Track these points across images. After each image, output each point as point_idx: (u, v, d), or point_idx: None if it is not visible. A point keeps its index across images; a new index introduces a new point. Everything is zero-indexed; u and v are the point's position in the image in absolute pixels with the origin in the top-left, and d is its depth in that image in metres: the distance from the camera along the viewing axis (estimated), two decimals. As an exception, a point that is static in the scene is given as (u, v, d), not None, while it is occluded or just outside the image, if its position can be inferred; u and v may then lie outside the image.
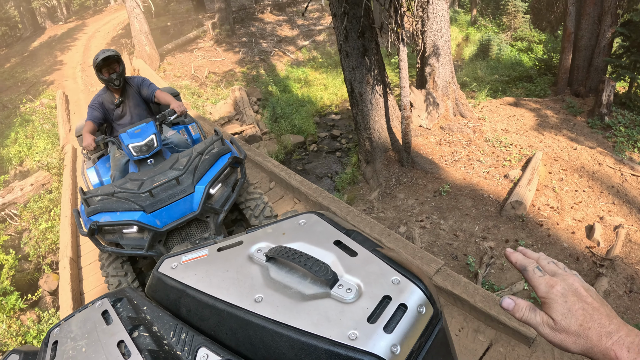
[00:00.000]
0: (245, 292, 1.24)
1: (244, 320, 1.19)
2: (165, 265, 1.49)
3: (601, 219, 7.68)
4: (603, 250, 7.06)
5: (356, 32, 8.85)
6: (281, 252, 1.26)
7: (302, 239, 1.37)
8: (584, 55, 13.35)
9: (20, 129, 17.89)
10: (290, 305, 1.15)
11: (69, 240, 8.07)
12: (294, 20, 29.11)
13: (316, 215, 1.49)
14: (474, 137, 10.47)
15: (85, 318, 1.43)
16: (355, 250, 1.27)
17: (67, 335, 1.38)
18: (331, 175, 12.49)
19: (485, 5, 28.16)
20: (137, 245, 4.39)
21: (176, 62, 23.06)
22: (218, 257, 1.45)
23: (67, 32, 35.04)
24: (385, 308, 1.08)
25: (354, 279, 1.16)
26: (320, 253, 1.27)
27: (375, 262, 1.21)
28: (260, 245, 1.40)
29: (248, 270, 1.32)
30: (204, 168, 4.61)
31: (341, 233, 1.36)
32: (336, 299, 1.12)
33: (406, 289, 1.11)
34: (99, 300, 1.48)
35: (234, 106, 17.18)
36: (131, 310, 1.40)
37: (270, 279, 1.26)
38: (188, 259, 1.49)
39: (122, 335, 1.28)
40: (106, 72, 5.36)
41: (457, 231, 7.77)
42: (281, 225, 1.50)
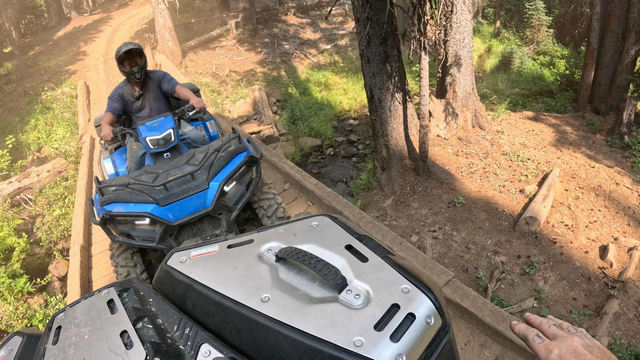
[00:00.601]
0: (252, 291, 1.24)
1: (249, 319, 1.18)
2: (174, 259, 1.49)
3: (615, 240, 7.59)
4: (616, 272, 6.97)
5: (379, 38, 8.84)
6: (291, 253, 1.25)
7: (314, 242, 1.36)
8: (606, 72, 13.20)
9: (40, 116, 18.10)
10: (297, 307, 1.14)
11: (81, 228, 8.14)
12: (317, 24, 29.16)
13: (329, 219, 1.48)
14: (491, 150, 10.41)
15: (90, 305, 1.43)
16: (366, 256, 1.26)
17: (71, 322, 1.38)
18: (346, 180, 12.49)
19: (509, 17, 28.03)
20: (148, 238, 4.41)
21: (198, 59, 23.20)
22: (227, 254, 1.44)
23: (91, 24, 35.41)
24: (393, 316, 1.06)
25: (363, 285, 1.15)
26: (330, 257, 1.26)
27: (385, 269, 1.20)
28: (271, 245, 1.40)
29: (257, 269, 1.32)
30: (219, 165, 4.63)
31: (353, 238, 1.35)
32: (344, 304, 1.11)
33: (415, 299, 1.10)
34: (106, 289, 1.48)
35: (253, 106, 17.24)
36: (137, 301, 1.40)
37: (278, 279, 1.25)
38: (197, 254, 1.49)
39: (126, 326, 1.28)
40: (128, 65, 5.39)
41: (469, 244, 7.72)
42: (293, 226, 1.49)
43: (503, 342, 4.67)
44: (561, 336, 1.05)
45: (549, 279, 6.88)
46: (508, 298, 6.63)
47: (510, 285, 6.84)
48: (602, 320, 6.16)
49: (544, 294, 6.60)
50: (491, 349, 4.71)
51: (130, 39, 28.52)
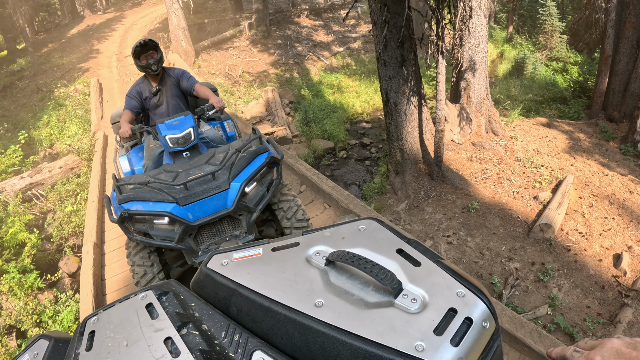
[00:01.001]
0: (304, 295, 1.22)
1: (303, 325, 1.17)
2: (215, 262, 1.46)
3: (629, 249, 7.55)
4: (629, 281, 6.94)
5: (396, 41, 8.85)
6: (344, 257, 1.24)
7: (363, 245, 1.36)
8: (620, 79, 13.14)
9: (53, 112, 18.20)
10: (353, 312, 1.14)
11: (95, 225, 8.17)
12: (329, 26, 29.17)
13: (376, 222, 1.47)
14: (505, 156, 10.38)
15: (127, 309, 1.40)
16: (418, 260, 1.25)
17: (106, 326, 1.35)
18: (359, 183, 12.49)
19: (521, 23, 27.93)
20: (166, 237, 4.39)
21: (211, 60, 23.29)
22: (273, 257, 1.42)
23: (105, 22, 35.58)
24: (452, 321, 1.07)
25: (419, 290, 1.15)
26: (382, 260, 1.26)
27: (439, 274, 1.20)
28: (319, 248, 1.39)
29: (306, 273, 1.30)
30: (240, 165, 4.61)
31: (403, 242, 1.35)
32: (401, 308, 1.11)
33: (471, 303, 1.10)
34: (143, 292, 1.45)
35: (265, 107, 17.28)
36: (178, 306, 1.37)
37: (330, 283, 1.24)
38: (240, 256, 1.46)
39: (170, 332, 1.25)
40: (144, 59, 5.46)
41: (484, 250, 7.71)
42: (340, 230, 1.48)
43: (521, 349, 4.66)
44: (599, 343, 1.02)
45: (563, 286, 6.86)
46: (522, 305, 6.62)
47: (525, 292, 6.83)
48: (615, 329, 6.14)
49: (558, 301, 6.58)
50: (509, 355, 4.71)
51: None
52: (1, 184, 11.58)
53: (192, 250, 4.45)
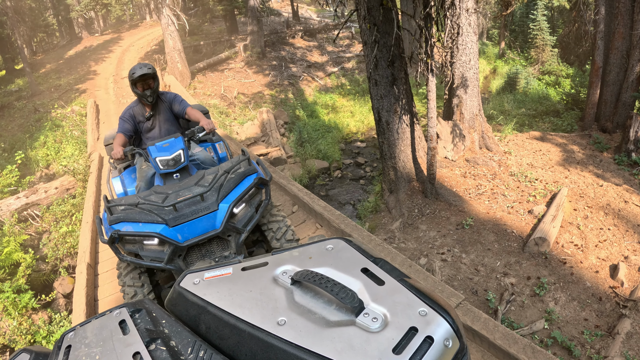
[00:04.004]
0: (268, 314, 1.26)
1: (265, 342, 1.20)
2: (187, 281, 1.52)
3: (626, 259, 7.56)
4: (627, 291, 6.93)
5: (386, 61, 8.93)
6: (307, 276, 1.28)
7: (329, 265, 1.39)
8: (611, 90, 13.23)
9: (49, 133, 18.37)
10: (314, 330, 1.16)
11: (88, 246, 8.17)
12: (323, 47, 29.43)
13: (344, 242, 1.50)
14: (499, 171, 10.42)
15: (101, 325, 1.46)
16: (382, 279, 1.28)
17: (82, 341, 1.41)
18: (354, 202, 12.53)
19: (513, 38, 28.18)
20: (156, 258, 4.41)
21: (206, 81, 23.52)
22: (242, 277, 1.47)
23: (102, 44, 36.03)
24: (412, 340, 1.09)
25: (381, 308, 1.17)
26: (347, 280, 1.29)
27: (402, 292, 1.22)
28: (286, 268, 1.43)
29: (272, 292, 1.34)
30: (229, 187, 4.64)
31: (369, 261, 1.38)
32: (361, 327, 1.13)
33: (433, 321, 1.12)
34: (117, 309, 1.52)
35: (260, 128, 17.37)
36: (149, 323, 1.43)
37: (294, 302, 1.28)
38: (211, 275, 1.52)
39: (139, 347, 1.31)
40: (140, 87, 5.47)
41: (479, 266, 7.71)
42: (308, 249, 1.51)
43: (515, 365, 4.65)
44: None
45: (560, 299, 6.85)
46: (518, 320, 6.61)
47: (521, 307, 6.82)
48: (614, 341, 6.12)
49: (555, 315, 6.56)
50: (503, 371, 4.69)
51: (139, 60, 28.98)
52: None
53: (181, 271, 4.42)
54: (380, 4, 8.52)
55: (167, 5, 21.99)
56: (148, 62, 26.82)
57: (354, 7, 9.21)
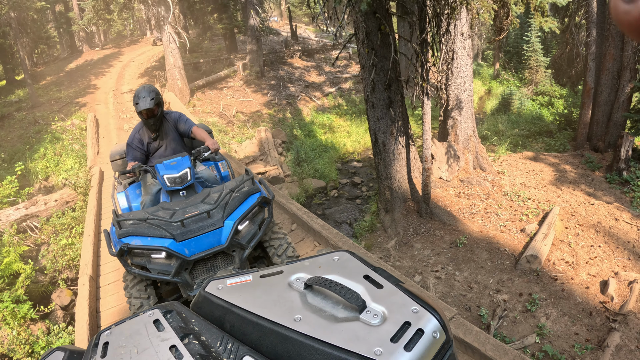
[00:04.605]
0: (285, 312, 1.53)
1: (284, 336, 1.46)
2: (212, 286, 1.77)
3: (616, 274, 7.75)
4: (617, 305, 7.11)
5: (383, 84, 9.20)
6: (319, 281, 1.55)
7: (336, 272, 1.66)
8: (603, 110, 13.52)
9: (49, 146, 18.47)
10: (325, 325, 1.43)
11: (90, 258, 8.19)
12: (321, 67, 29.70)
13: (348, 254, 1.78)
14: (492, 191, 10.65)
15: (136, 324, 1.67)
16: (381, 284, 1.55)
17: (119, 338, 1.61)
18: (350, 221, 12.68)
19: (507, 59, 28.52)
20: (163, 271, 4.57)
21: (205, 99, 23.71)
22: (261, 283, 1.74)
23: (102, 58, 36.23)
24: (406, 331, 1.35)
25: (380, 307, 1.44)
26: (351, 284, 1.56)
27: (398, 294, 1.49)
28: (299, 275, 1.70)
29: (288, 295, 1.61)
30: (234, 205, 4.83)
31: (369, 269, 1.66)
32: (364, 322, 1.40)
33: (423, 317, 1.39)
34: (150, 310, 1.73)
35: (259, 146, 17.52)
36: (180, 321, 1.65)
37: (307, 303, 1.54)
38: (233, 282, 1.78)
39: (175, 341, 1.53)
40: (145, 114, 5.58)
41: (472, 283, 7.90)
42: (317, 260, 1.79)
43: (505, 375, 4.85)
44: None
45: (551, 315, 7.04)
46: (510, 335, 6.79)
47: (513, 323, 7.01)
48: (604, 353, 6.30)
49: (546, 329, 6.74)
50: (494, 381, 4.89)
51: (139, 76, 29.14)
52: None
53: (187, 284, 4.65)
54: (379, 29, 8.80)
55: (169, 23, 22.26)
56: (147, 78, 27.30)
57: (353, 30, 9.46)
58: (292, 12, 40.46)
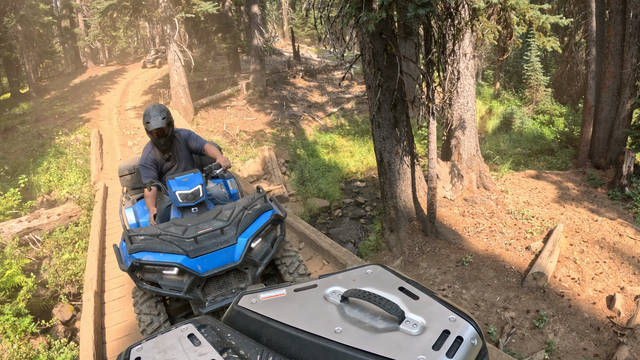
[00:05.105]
0: (325, 325, 1.58)
1: (326, 348, 1.50)
2: (245, 300, 1.81)
3: (622, 289, 7.75)
4: (624, 320, 7.11)
5: (389, 104, 9.29)
6: (357, 293, 1.62)
7: (371, 285, 1.73)
8: (604, 127, 13.60)
9: (53, 159, 18.52)
10: (366, 336, 1.50)
11: (95, 274, 8.19)
12: (324, 87, 29.87)
13: (381, 267, 1.86)
14: (496, 210, 10.70)
15: (169, 339, 1.68)
16: (417, 295, 1.63)
17: (151, 353, 1.61)
18: (354, 241, 12.71)
19: (508, 78, 28.67)
20: (175, 287, 4.55)
21: (209, 117, 23.85)
22: (296, 296, 1.79)
23: (107, 75, 36.45)
24: (446, 339, 1.43)
25: (418, 317, 1.52)
26: (387, 296, 1.63)
27: (434, 304, 1.57)
28: (334, 289, 1.77)
29: (325, 308, 1.67)
30: (247, 222, 4.86)
31: (403, 281, 1.73)
32: (404, 332, 1.48)
33: (461, 325, 1.47)
34: (184, 324, 1.74)
35: (262, 165, 17.59)
36: (216, 336, 1.66)
37: (345, 315, 1.61)
38: (267, 296, 1.83)
39: (213, 355, 1.54)
40: (155, 134, 5.56)
41: (479, 301, 7.91)
42: (351, 274, 1.86)
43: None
44: None
45: (559, 331, 7.06)
46: (519, 352, 6.81)
47: (521, 340, 7.03)
48: (612, 369, 6.33)
49: (555, 346, 6.76)
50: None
51: (143, 93, 29.32)
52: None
53: (199, 301, 4.63)
54: (385, 49, 8.93)
55: (175, 41, 22.50)
56: (151, 96, 27.55)
57: (359, 51, 9.57)
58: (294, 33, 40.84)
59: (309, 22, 48.09)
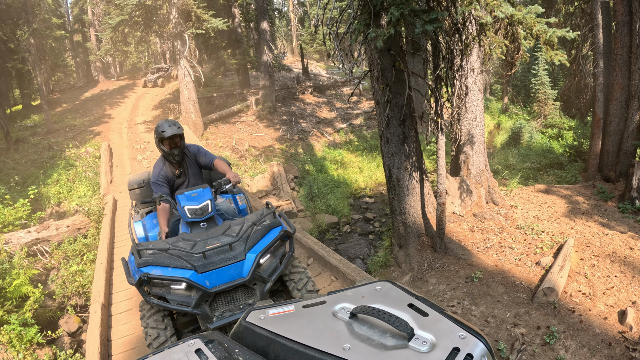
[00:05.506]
0: (333, 342, 1.58)
1: None
2: (253, 316, 1.80)
3: (633, 304, 7.66)
4: (636, 335, 7.01)
5: (397, 119, 9.31)
6: (366, 310, 1.62)
7: (380, 302, 1.73)
8: (613, 140, 13.53)
9: (63, 172, 18.69)
10: (375, 353, 1.50)
11: (103, 286, 8.22)
12: (332, 103, 29.99)
13: (390, 283, 1.86)
14: (506, 225, 10.65)
15: (176, 354, 1.66)
16: (426, 312, 1.63)
17: None
18: (363, 257, 12.70)
19: (516, 93, 28.67)
20: (183, 302, 4.57)
21: (218, 132, 24.00)
22: (304, 313, 1.78)
23: (118, 89, 36.83)
24: (455, 357, 1.43)
25: (427, 334, 1.51)
26: (396, 313, 1.63)
27: (443, 321, 1.57)
28: (343, 305, 1.76)
29: (333, 325, 1.67)
30: (255, 238, 4.87)
31: (413, 298, 1.73)
32: (414, 349, 1.47)
33: (471, 342, 1.46)
34: (191, 339, 1.73)
35: (271, 181, 17.64)
36: (224, 351, 1.64)
37: (354, 332, 1.61)
38: (275, 312, 1.82)
39: None
40: (167, 145, 5.61)
41: (489, 317, 7.85)
42: (360, 290, 1.86)
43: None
44: None
45: (570, 347, 6.99)
46: (530, 368, 6.77)
47: (532, 356, 6.96)
48: (625, 385, 6.26)
49: (566, 362, 6.72)
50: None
51: (154, 108, 29.62)
52: (7, 235, 11.67)
53: (207, 316, 4.63)
54: (393, 65, 8.97)
55: (185, 57, 22.70)
56: (161, 111, 27.78)
57: (367, 67, 9.61)
58: (303, 49, 41.05)
59: (317, 38, 48.39)
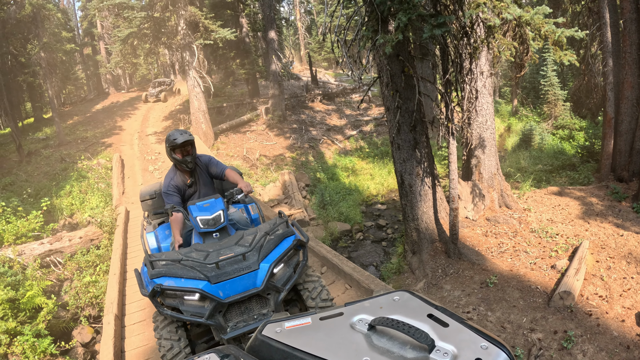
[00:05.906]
0: (352, 355, 1.54)
1: None
2: (269, 330, 1.76)
3: None
4: None
5: (408, 125, 9.29)
6: (385, 322, 1.59)
7: (399, 313, 1.70)
8: (625, 139, 13.43)
9: (75, 183, 18.87)
10: None
11: (116, 297, 8.21)
12: (342, 110, 30.03)
13: (408, 293, 1.83)
14: (519, 228, 10.59)
15: None
16: (446, 322, 1.60)
17: None
18: (376, 264, 12.66)
19: (525, 95, 28.55)
20: (197, 313, 4.56)
21: (229, 142, 24.13)
22: (321, 325, 1.75)
23: (128, 101, 37.34)
24: None
25: (449, 345, 1.49)
26: (416, 324, 1.60)
27: (464, 332, 1.54)
28: (361, 317, 1.73)
29: (352, 337, 1.64)
30: (269, 247, 4.87)
31: (432, 308, 1.70)
32: (435, 361, 1.44)
33: (494, 353, 1.43)
34: (206, 354, 1.70)
35: (282, 189, 17.66)
36: None
37: (373, 344, 1.58)
38: (292, 325, 1.78)
39: None
40: (179, 153, 5.61)
41: (505, 323, 7.79)
42: (378, 301, 1.82)
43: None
44: None
45: (588, 351, 6.93)
46: (548, 373, 6.71)
47: (550, 361, 6.92)
48: (645, 388, 6.19)
49: (584, 367, 6.66)
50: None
51: (164, 119, 29.91)
52: (21, 247, 11.79)
53: (221, 327, 4.61)
54: (402, 71, 8.96)
55: (194, 68, 22.85)
56: (172, 121, 28.02)
57: (376, 74, 9.60)
58: (311, 57, 41.17)
59: (325, 46, 48.56)
